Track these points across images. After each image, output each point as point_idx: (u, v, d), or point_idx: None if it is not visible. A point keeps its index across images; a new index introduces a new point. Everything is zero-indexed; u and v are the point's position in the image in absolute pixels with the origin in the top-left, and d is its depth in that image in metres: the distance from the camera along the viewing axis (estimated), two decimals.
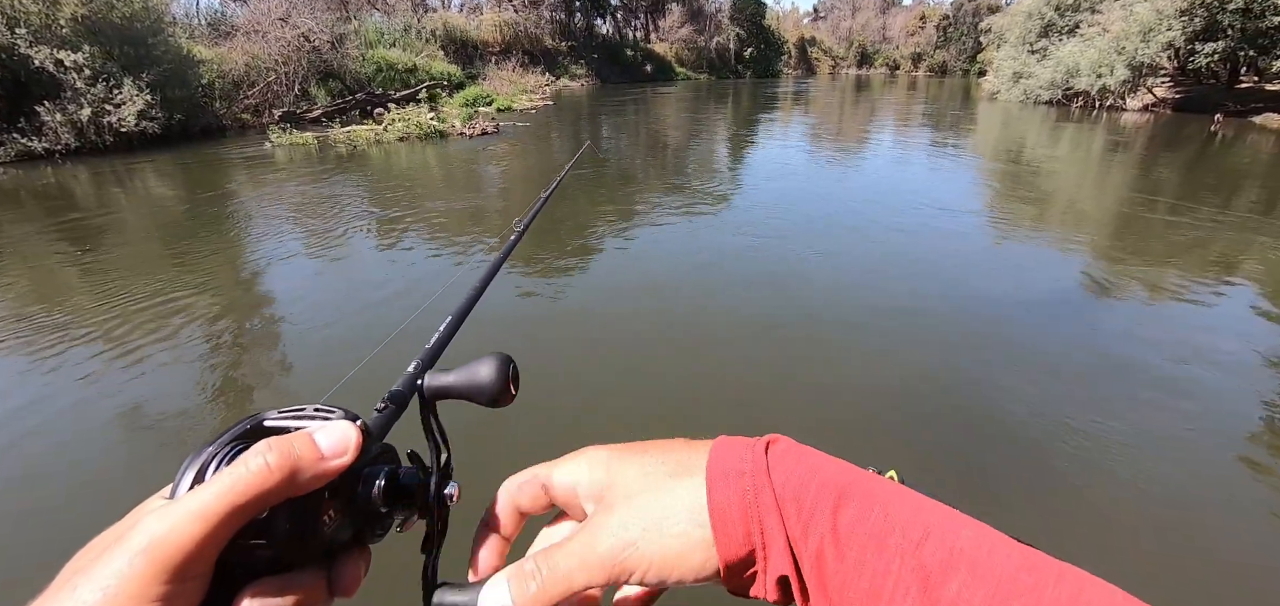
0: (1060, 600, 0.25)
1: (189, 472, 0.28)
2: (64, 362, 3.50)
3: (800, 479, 0.31)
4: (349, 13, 22.48)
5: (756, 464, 0.31)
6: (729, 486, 0.31)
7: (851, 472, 0.31)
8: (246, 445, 0.29)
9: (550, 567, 0.33)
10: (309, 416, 0.32)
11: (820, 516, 0.29)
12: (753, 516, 0.30)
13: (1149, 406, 3.02)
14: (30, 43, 10.52)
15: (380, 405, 0.36)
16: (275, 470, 0.27)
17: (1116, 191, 8.28)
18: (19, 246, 5.98)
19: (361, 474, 0.32)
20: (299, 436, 0.30)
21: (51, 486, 2.52)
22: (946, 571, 0.26)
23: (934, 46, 60.99)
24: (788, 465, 0.31)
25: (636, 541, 0.31)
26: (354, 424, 0.31)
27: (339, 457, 0.30)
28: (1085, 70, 18.61)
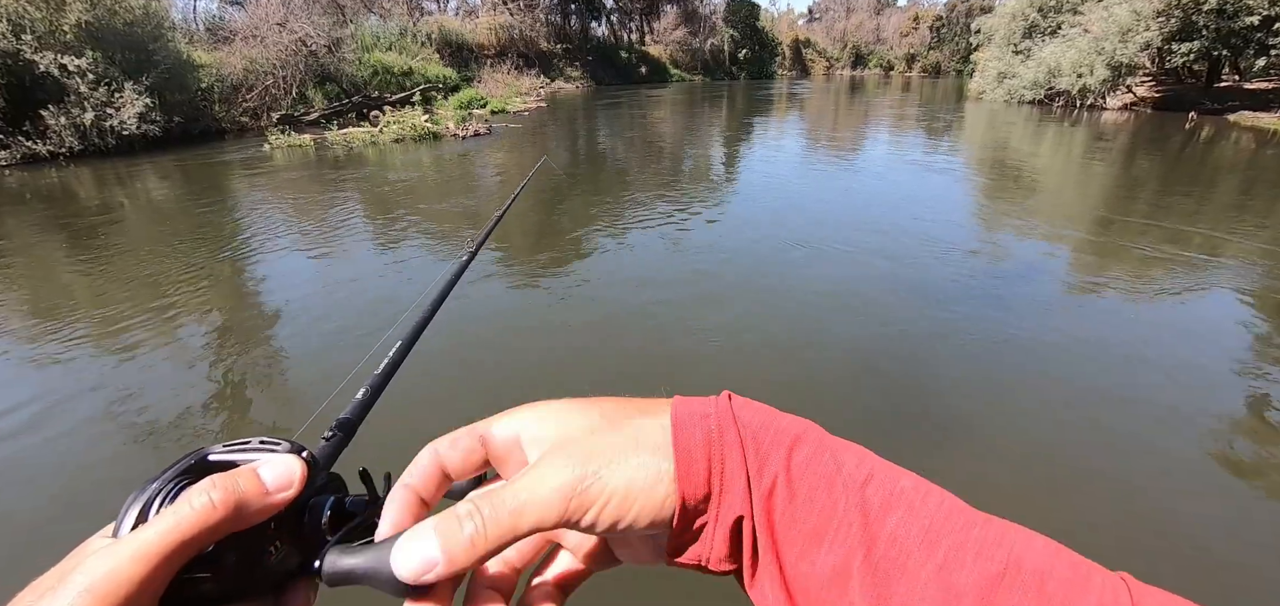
0: (987, 537, 0.28)
1: (132, 510, 0.28)
2: (61, 361, 3.71)
3: (759, 424, 0.32)
4: (345, 17, 22.83)
5: (721, 408, 0.32)
6: (695, 425, 0.31)
7: (803, 423, 0.33)
8: (191, 480, 0.29)
9: (492, 506, 0.29)
10: (254, 449, 0.32)
11: (775, 455, 0.30)
12: (716, 453, 0.31)
13: (1113, 399, 3.15)
14: (35, 48, 10.87)
15: (328, 433, 0.36)
16: (219, 506, 0.28)
17: (1092, 185, 8.64)
18: (24, 246, 6.32)
19: (308, 504, 0.33)
20: (243, 472, 0.30)
21: (41, 484, 2.64)
22: (886, 508, 0.29)
23: (927, 47, 61.44)
24: (747, 413, 0.33)
25: (598, 472, 0.30)
26: (299, 455, 0.32)
27: (283, 491, 0.30)
28: (1067, 70, 19.00)
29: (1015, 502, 2.48)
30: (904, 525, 0.28)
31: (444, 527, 0.29)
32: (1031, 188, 8.26)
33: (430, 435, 0.34)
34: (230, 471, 0.30)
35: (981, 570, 0.27)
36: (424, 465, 0.34)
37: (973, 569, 0.27)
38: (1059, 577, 0.27)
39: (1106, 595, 0.26)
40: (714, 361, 3.61)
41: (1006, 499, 2.50)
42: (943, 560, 0.27)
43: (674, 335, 4.00)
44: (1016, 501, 2.49)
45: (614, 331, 4.08)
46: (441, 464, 0.34)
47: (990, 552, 0.28)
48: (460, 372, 3.51)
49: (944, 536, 0.28)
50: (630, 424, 0.32)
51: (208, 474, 0.30)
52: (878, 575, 0.28)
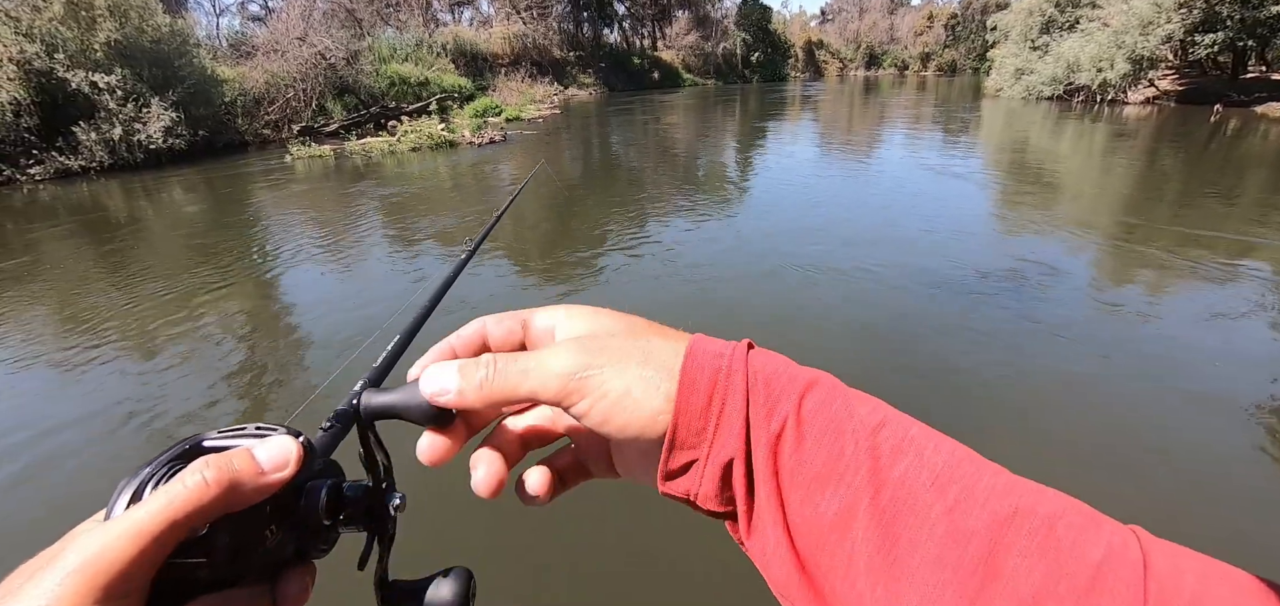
0: (997, 485, 0.28)
1: (125, 493, 0.28)
2: (89, 365, 3.86)
3: (774, 368, 0.32)
4: (363, 30, 23.24)
5: (736, 353, 0.33)
6: (707, 361, 0.32)
7: (820, 373, 0.33)
8: (185, 465, 0.29)
9: (503, 362, 0.32)
10: (249, 434, 0.32)
11: (787, 399, 0.31)
12: (719, 391, 0.31)
13: (1143, 396, 3.10)
14: (67, 66, 11.23)
15: (326, 424, 0.36)
16: (212, 484, 0.27)
17: (1114, 182, 8.52)
18: (56, 258, 6.53)
19: (304, 488, 0.33)
20: (238, 452, 0.30)
21: (64, 483, 2.74)
22: (896, 454, 0.29)
23: (943, 46, 60.88)
24: (763, 360, 0.33)
25: (602, 367, 0.31)
26: (295, 439, 0.32)
27: (279, 471, 0.30)
28: (1086, 65, 18.72)
29: None
30: (913, 469, 0.28)
31: (464, 366, 0.33)
32: (1051, 186, 8.13)
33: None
34: (224, 452, 0.29)
35: (991, 512, 0.27)
36: (470, 331, 0.37)
37: (982, 511, 0.27)
38: (1068, 522, 0.27)
39: (1115, 540, 0.26)
40: None
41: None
42: (952, 503, 0.28)
43: None
44: None
45: None
46: (485, 334, 0.37)
47: (1000, 497, 0.28)
48: None
49: (954, 481, 0.28)
50: (648, 340, 0.34)
51: (201, 458, 0.29)
52: (884, 517, 0.28)
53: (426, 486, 2.26)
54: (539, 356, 0.33)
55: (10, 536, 2.45)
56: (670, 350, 0.33)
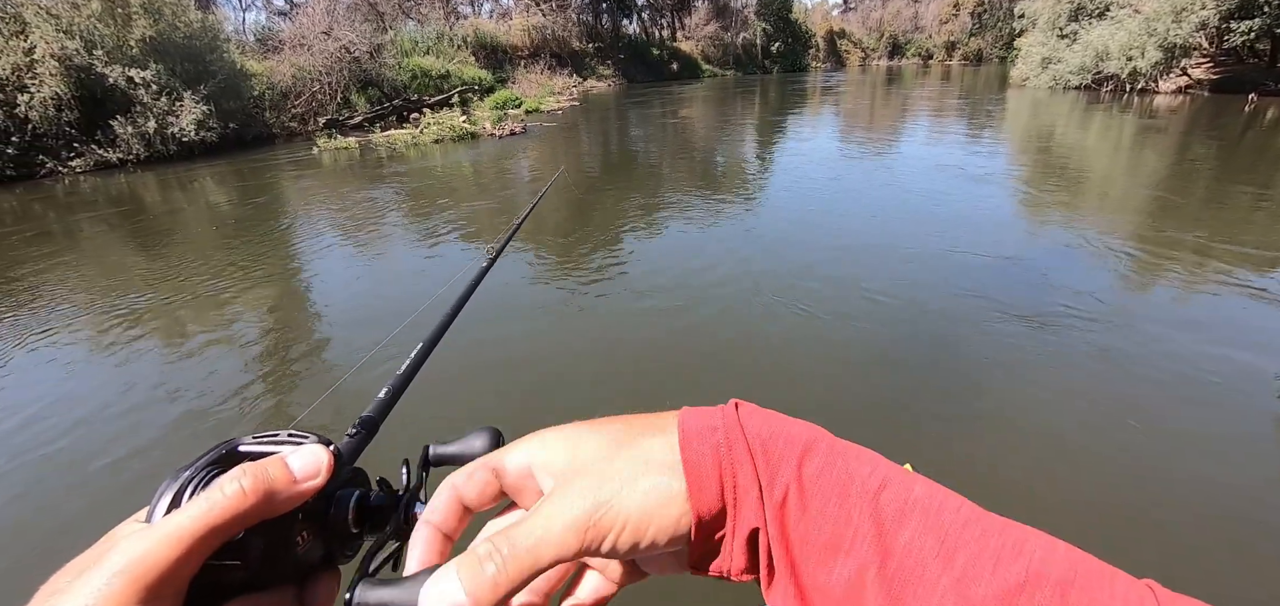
0: (1005, 546, 0.27)
1: (165, 496, 0.29)
2: (127, 349, 4.07)
3: (768, 433, 0.31)
4: (385, 24, 23.56)
5: (728, 419, 0.32)
6: (703, 439, 0.31)
7: (814, 430, 0.32)
8: (222, 470, 0.30)
9: (510, 545, 0.29)
10: (283, 441, 0.33)
11: (786, 466, 0.30)
12: (727, 467, 0.30)
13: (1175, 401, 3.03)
14: (105, 62, 11.62)
15: (352, 430, 0.37)
16: (250, 493, 0.28)
17: (1143, 174, 8.38)
18: (96, 246, 6.83)
19: (334, 496, 0.33)
20: (273, 460, 0.31)
21: (99, 466, 2.84)
22: (901, 519, 0.28)
23: (968, 34, 59.65)
24: (756, 422, 0.32)
25: (610, 500, 0.30)
26: (326, 448, 0.33)
27: (311, 480, 0.31)
28: (1115, 53, 18.28)
29: (1059, 508, 2.50)
30: (919, 535, 0.28)
31: (467, 569, 0.29)
32: (1077, 183, 7.98)
33: (457, 423, 0.45)
34: (260, 460, 0.31)
35: (1001, 580, 0.27)
36: (443, 501, 0.34)
37: (991, 580, 0.27)
38: (1081, 586, 0.26)
39: (1131, 597, 0.26)
40: (735, 366, 3.71)
41: (1052, 507, 2.51)
42: (960, 572, 0.27)
43: (700, 338, 4.11)
44: (1060, 506, 2.50)
45: (633, 329, 4.21)
46: (460, 498, 0.34)
47: (1009, 562, 0.27)
48: (488, 362, 3.70)
49: (961, 547, 0.28)
50: (639, 444, 0.32)
51: (238, 464, 0.31)
52: (892, 588, 0.28)
53: None
54: (543, 520, 0.30)
55: (49, 514, 2.65)
56: (664, 444, 0.32)
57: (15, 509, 2.62)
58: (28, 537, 2.47)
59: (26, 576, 1.70)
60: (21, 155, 11.00)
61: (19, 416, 3.31)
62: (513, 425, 0.37)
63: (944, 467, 2.65)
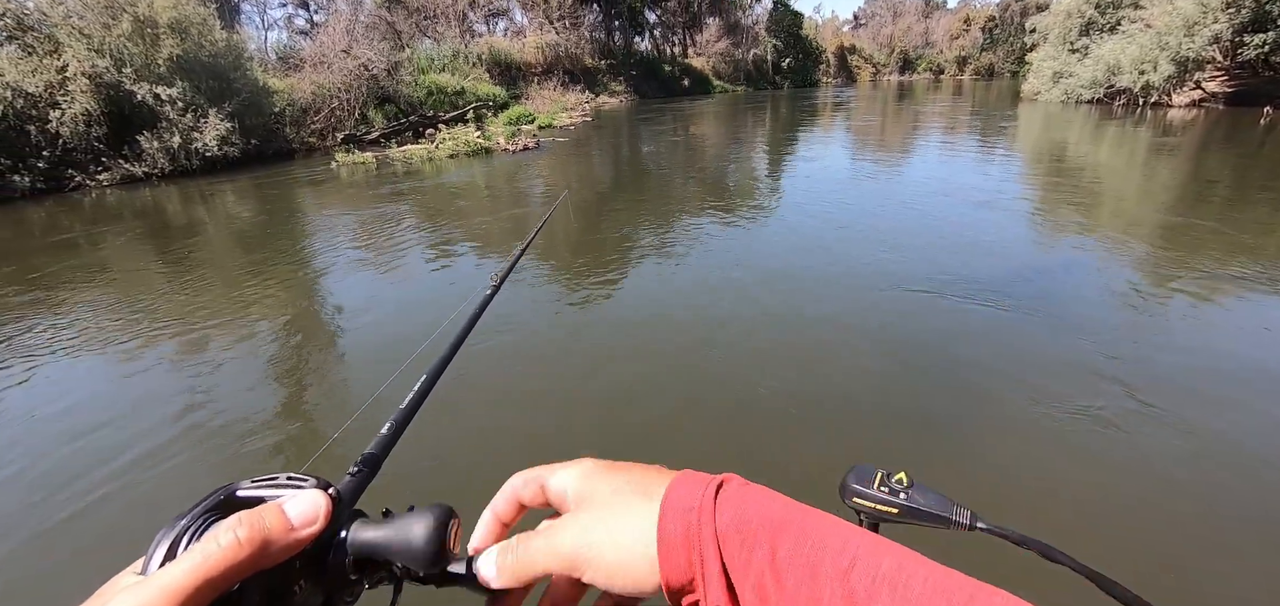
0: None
1: (161, 547, 0.29)
2: (146, 359, 4.20)
3: (743, 517, 0.33)
4: (403, 42, 24.07)
5: (704, 503, 0.34)
6: (676, 520, 0.34)
7: (790, 507, 0.34)
8: (219, 516, 0.30)
9: (524, 547, 0.38)
10: (281, 485, 0.33)
11: (760, 549, 0.32)
12: (694, 549, 0.33)
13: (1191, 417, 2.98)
14: (133, 80, 12.01)
15: (353, 469, 0.37)
16: (246, 543, 0.28)
17: (1156, 187, 8.38)
18: (121, 257, 7.05)
19: (333, 541, 0.33)
20: (269, 508, 0.31)
21: (119, 475, 2.93)
22: (871, 595, 0.29)
23: (979, 49, 59.66)
24: (733, 505, 0.34)
25: (593, 545, 0.35)
26: (324, 492, 0.33)
27: (309, 527, 0.31)
28: (1127, 67, 18.25)
29: (1088, 532, 2.50)
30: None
31: (499, 553, 0.38)
32: (1091, 192, 8.00)
33: (469, 451, 0.49)
34: (257, 508, 0.31)
35: None
36: (506, 496, 0.42)
37: None
38: None
39: None
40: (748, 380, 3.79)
41: (1072, 529, 2.51)
42: None
43: (715, 351, 4.19)
44: (1089, 530, 2.49)
45: (637, 350, 4.30)
46: (518, 496, 0.42)
47: None
48: (505, 377, 3.81)
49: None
50: (633, 503, 0.37)
51: (235, 509, 0.31)
52: None
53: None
54: (549, 540, 0.38)
55: (61, 525, 2.78)
56: (650, 511, 0.36)
57: (22, 518, 2.76)
58: (27, 548, 2.60)
59: (24, 579, 1.80)
60: (52, 169, 11.36)
61: (33, 420, 3.46)
62: (515, 447, 0.45)
63: (954, 477, 2.72)
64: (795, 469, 2.75)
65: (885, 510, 0.55)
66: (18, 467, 3.01)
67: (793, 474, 2.71)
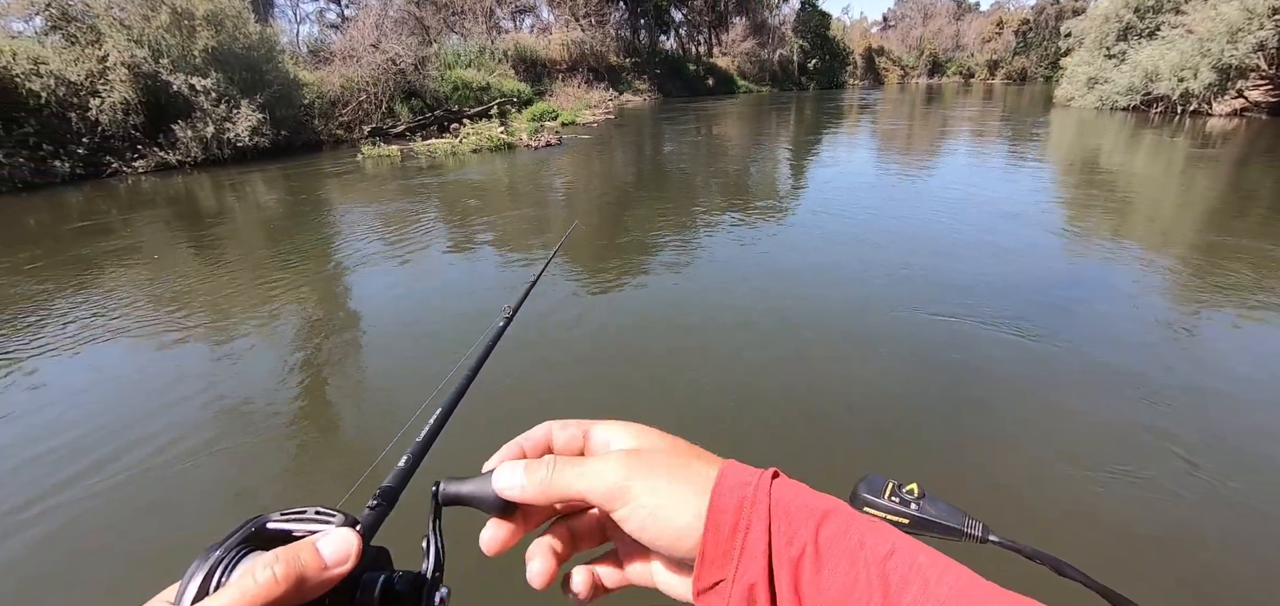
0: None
1: (196, 578, 0.29)
2: (176, 343, 4.33)
3: (792, 499, 0.35)
4: (430, 37, 24.36)
5: (761, 480, 0.36)
6: (733, 492, 0.35)
7: (835, 501, 0.36)
8: (250, 548, 0.31)
9: (561, 465, 0.37)
10: (310, 519, 0.34)
11: (805, 528, 0.33)
12: (743, 519, 0.34)
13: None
14: (170, 70, 12.34)
15: (373, 501, 0.37)
16: (282, 581, 0.29)
17: (1194, 199, 8.14)
18: (154, 242, 7.26)
19: (360, 580, 0.34)
20: (304, 546, 0.31)
21: (141, 463, 3.03)
22: (905, 582, 0.31)
23: (1012, 52, 58.42)
24: (786, 489, 0.36)
25: (643, 480, 0.36)
26: (354, 529, 0.33)
27: (341, 565, 0.32)
28: (1167, 74, 17.71)
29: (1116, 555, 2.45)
30: (920, 598, 0.30)
31: (530, 466, 0.38)
32: (1124, 204, 7.75)
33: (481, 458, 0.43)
34: (291, 545, 0.31)
35: None
36: (538, 433, 0.42)
37: None
38: None
39: None
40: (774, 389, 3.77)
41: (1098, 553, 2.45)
42: None
43: (740, 361, 4.17)
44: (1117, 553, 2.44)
45: (659, 357, 4.30)
46: (550, 438, 0.42)
47: None
48: (535, 365, 3.84)
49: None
50: (687, 462, 0.37)
51: (265, 542, 0.32)
52: None
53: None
54: (593, 463, 0.38)
55: (84, 518, 2.87)
56: (705, 473, 0.36)
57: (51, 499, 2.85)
58: (58, 537, 2.69)
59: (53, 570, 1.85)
60: (90, 155, 11.74)
61: (59, 408, 3.58)
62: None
63: (967, 491, 2.68)
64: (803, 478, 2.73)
65: (896, 520, 0.55)
66: (47, 446, 3.12)
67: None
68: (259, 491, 2.73)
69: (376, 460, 3.16)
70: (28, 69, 11.20)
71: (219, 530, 0.30)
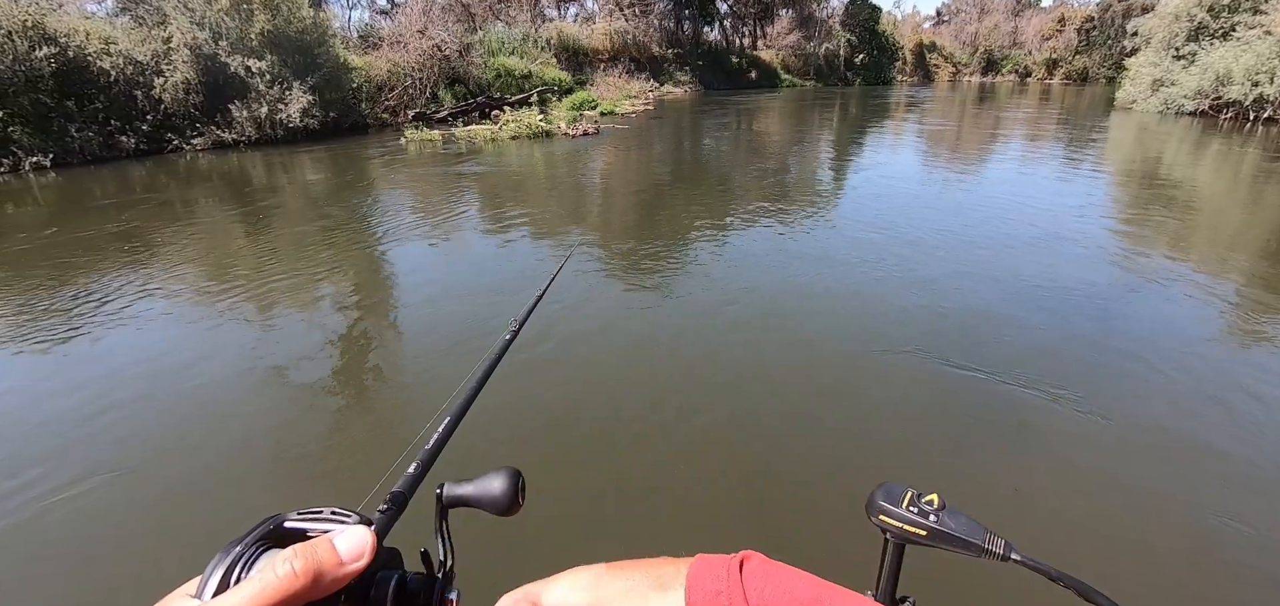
0: None
1: (217, 573, 0.30)
2: (226, 311, 4.57)
3: (769, 596, 0.33)
4: (476, 24, 24.72)
5: (732, 583, 0.34)
6: (707, 595, 0.34)
7: (815, 585, 0.34)
8: (269, 545, 0.32)
9: None
10: (326, 519, 0.35)
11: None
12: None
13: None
14: (228, 52, 12.87)
15: (383, 506, 0.38)
16: (300, 575, 0.30)
17: (1264, 215, 7.71)
18: (211, 215, 7.62)
19: (375, 577, 0.35)
20: (321, 542, 0.32)
21: (191, 425, 3.23)
22: None
23: (1073, 51, 55.72)
24: (758, 584, 0.34)
25: None
26: (369, 528, 0.34)
27: (356, 562, 0.33)
28: (1239, 77, 16.66)
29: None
30: None
31: None
32: (1185, 216, 7.35)
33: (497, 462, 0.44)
34: (309, 542, 0.32)
35: None
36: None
37: None
38: None
39: None
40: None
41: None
42: None
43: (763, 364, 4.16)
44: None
45: (694, 350, 4.32)
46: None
47: None
48: (559, 361, 3.91)
49: None
50: (655, 598, 0.36)
51: (283, 539, 0.33)
52: None
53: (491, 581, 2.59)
54: None
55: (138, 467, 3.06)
56: (674, 599, 0.35)
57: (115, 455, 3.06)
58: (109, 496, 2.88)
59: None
60: (154, 132, 12.37)
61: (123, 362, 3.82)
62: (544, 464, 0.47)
63: (989, 506, 2.64)
64: (820, 487, 2.73)
65: (913, 531, 0.53)
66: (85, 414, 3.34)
67: (816, 490, 2.69)
68: (290, 477, 2.88)
69: (389, 469, 3.17)
70: (99, 48, 11.86)
71: (231, 513, 0.31)
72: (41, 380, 3.61)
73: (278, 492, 2.66)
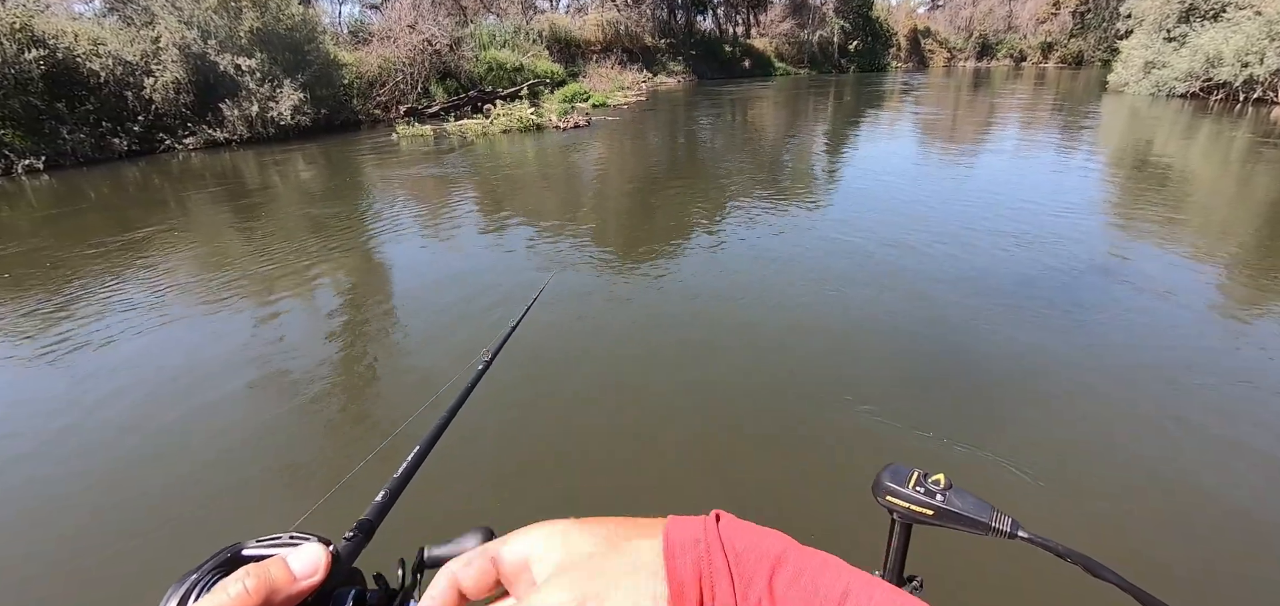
0: None
1: (172, 601, 0.30)
2: (221, 309, 4.67)
3: (743, 547, 0.33)
4: (467, 18, 24.63)
5: (710, 532, 0.34)
6: (686, 551, 0.33)
7: (783, 541, 0.34)
8: (225, 573, 0.31)
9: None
10: (284, 543, 0.35)
11: (758, 578, 0.32)
12: (707, 580, 0.32)
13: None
14: (218, 50, 12.85)
15: (349, 534, 0.38)
16: (253, 593, 0.29)
17: (1253, 196, 7.77)
18: (203, 216, 7.66)
19: (331, 594, 0.35)
20: (274, 561, 0.32)
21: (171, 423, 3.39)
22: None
23: (1069, 35, 55.59)
24: (735, 533, 0.34)
25: (598, 595, 0.31)
26: (325, 547, 0.34)
27: (310, 577, 0.32)
28: (1229, 58, 16.70)
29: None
30: None
31: None
32: (1176, 196, 7.40)
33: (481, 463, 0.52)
34: (262, 561, 0.32)
35: None
36: (441, 589, 0.35)
37: None
38: None
39: None
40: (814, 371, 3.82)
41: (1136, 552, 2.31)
42: None
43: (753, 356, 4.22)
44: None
45: (674, 355, 4.37)
46: (458, 585, 0.36)
47: None
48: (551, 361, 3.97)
49: None
50: (628, 547, 0.34)
51: (242, 567, 0.32)
52: None
53: None
54: (541, 597, 0.32)
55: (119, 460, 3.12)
56: (651, 548, 0.34)
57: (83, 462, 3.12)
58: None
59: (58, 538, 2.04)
60: (145, 132, 12.37)
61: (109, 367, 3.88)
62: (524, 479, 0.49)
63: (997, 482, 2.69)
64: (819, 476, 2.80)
65: (919, 511, 0.53)
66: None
67: (813, 480, 2.76)
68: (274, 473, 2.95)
69: (347, 476, 2.84)
70: (88, 49, 11.84)
71: (194, 543, 0.35)
72: (19, 384, 3.67)
73: (238, 523, 2.53)
